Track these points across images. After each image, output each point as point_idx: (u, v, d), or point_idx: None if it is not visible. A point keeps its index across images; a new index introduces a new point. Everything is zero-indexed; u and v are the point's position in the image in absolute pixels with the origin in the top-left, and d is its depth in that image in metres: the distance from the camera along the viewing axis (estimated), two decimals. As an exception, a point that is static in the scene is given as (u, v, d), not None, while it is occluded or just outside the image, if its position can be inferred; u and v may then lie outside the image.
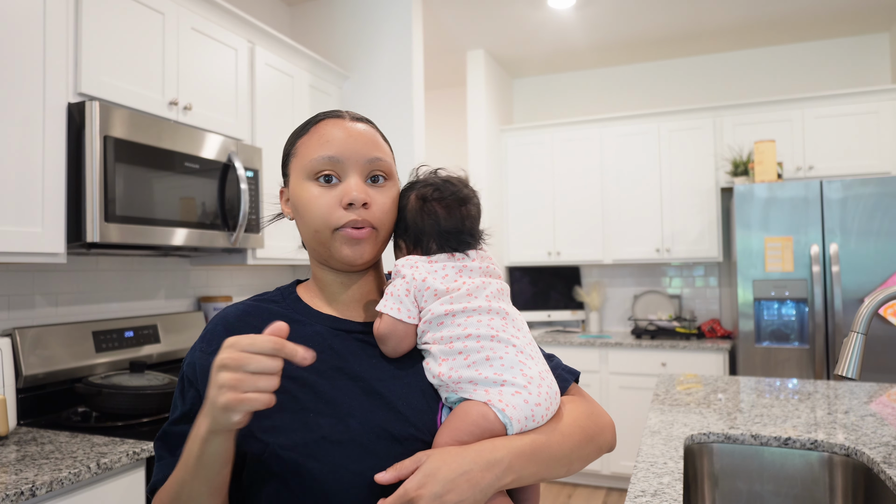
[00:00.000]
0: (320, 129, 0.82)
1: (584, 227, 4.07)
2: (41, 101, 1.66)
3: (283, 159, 0.86)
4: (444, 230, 0.80)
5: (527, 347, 0.78)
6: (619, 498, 3.58)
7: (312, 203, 0.79)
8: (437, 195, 0.81)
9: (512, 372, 0.74)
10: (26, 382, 1.82)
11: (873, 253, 3.02)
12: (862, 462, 1.37)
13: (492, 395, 0.73)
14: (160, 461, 0.79)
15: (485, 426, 0.72)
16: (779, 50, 4.06)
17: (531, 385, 0.74)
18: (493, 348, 0.75)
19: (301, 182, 0.81)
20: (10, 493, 1.24)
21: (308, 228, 0.81)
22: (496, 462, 0.70)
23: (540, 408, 0.74)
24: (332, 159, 0.79)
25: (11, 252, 1.59)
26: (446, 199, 0.81)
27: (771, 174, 3.32)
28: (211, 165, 2.13)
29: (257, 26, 2.48)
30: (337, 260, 0.81)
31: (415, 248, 0.83)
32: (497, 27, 3.77)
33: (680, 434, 1.52)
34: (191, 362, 0.79)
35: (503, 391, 0.73)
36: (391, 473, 0.69)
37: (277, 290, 0.88)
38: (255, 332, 0.75)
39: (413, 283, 0.77)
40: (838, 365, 1.28)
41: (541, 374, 0.76)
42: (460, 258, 0.81)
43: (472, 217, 0.83)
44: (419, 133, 3.11)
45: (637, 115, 3.96)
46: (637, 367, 3.62)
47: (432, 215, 0.81)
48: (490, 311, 0.78)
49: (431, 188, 0.82)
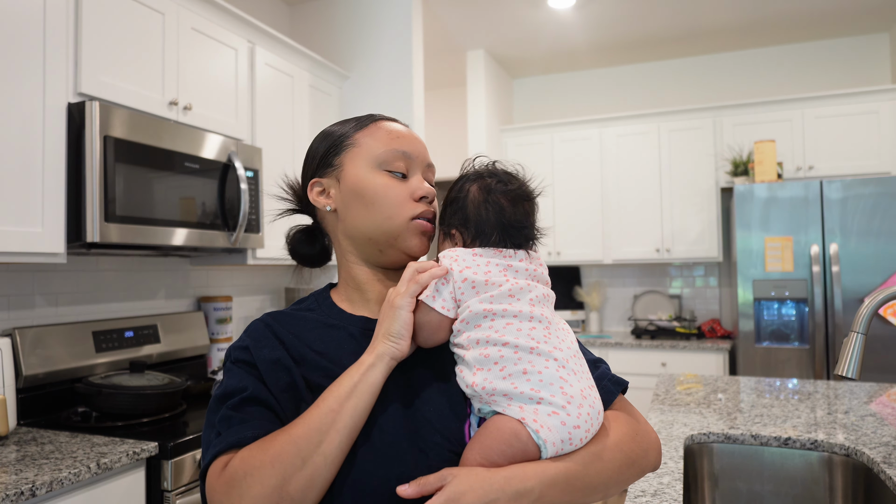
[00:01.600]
0: (385, 126, 0.84)
1: (584, 227, 4.06)
2: (41, 101, 1.66)
3: (329, 150, 0.84)
4: (508, 223, 0.78)
5: (570, 361, 0.73)
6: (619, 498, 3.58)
7: (389, 190, 0.80)
8: (502, 187, 0.79)
9: (551, 389, 0.69)
10: (26, 382, 1.82)
11: (873, 253, 3.02)
12: (862, 462, 1.37)
13: (527, 412, 0.68)
14: (229, 428, 0.72)
15: (517, 446, 0.68)
16: (779, 50, 4.06)
17: (570, 405, 0.69)
18: (532, 361, 0.70)
19: (369, 170, 0.81)
20: (10, 493, 1.24)
21: (377, 215, 0.80)
22: (526, 493, 0.66)
23: (579, 430, 0.69)
24: (406, 154, 0.82)
25: (11, 252, 1.59)
26: (513, 192, 0.80)
27: (771, 174, 3.32)
28: (211, 165, 2.13)
29: (257, 26, 2.48)
30: (401, 250, 0.81)
31: (473, 240, 0.79)
32: (497, 27, 3.76)
33: (680, 434, 1.52)
34: (244, 350, 0.78)
35: (539, 409, 0.68)
36: (414, 488, 0.66)
37: (312, 296, 0.88)
38: (294, 337, 0.80)
39: (452, 275, 0.75)
40: (838, 365, 1.28)
41: (583, 391, 0.71)
42: (508, 255, 0.77)
43: (532, 216, 0.81)
44: (419, 133, 3.11)
45: (637, 115, 3.96)
46: (637, 367, 3.62)
47: (496, 206, 0.78)
48: (532, 317, 0.73)
49: (495, 180, 0.80)
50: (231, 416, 0.73)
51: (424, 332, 0.75)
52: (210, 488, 0.69)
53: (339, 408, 0.68)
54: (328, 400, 0.69)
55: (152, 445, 1.60)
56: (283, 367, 0.76)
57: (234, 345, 0.80)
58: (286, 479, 0.65)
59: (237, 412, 0.73)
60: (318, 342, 0.80)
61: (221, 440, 0.71)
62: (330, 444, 0.67)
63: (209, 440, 0.74)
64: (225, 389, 0.76)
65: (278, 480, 0.65)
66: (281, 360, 0.76)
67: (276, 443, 0.67)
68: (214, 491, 0.68)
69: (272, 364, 0.76)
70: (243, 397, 0.74)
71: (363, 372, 0.71)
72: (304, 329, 0.81)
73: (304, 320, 0.83)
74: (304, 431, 0.67)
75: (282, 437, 0.68)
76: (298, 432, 0.67)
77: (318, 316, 0.83)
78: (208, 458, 0.71)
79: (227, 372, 0.79)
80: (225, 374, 0.79)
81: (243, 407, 0.73)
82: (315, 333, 0.81)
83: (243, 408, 0.73)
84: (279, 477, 0.65)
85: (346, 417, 0.68)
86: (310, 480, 0.66)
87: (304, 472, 0.66)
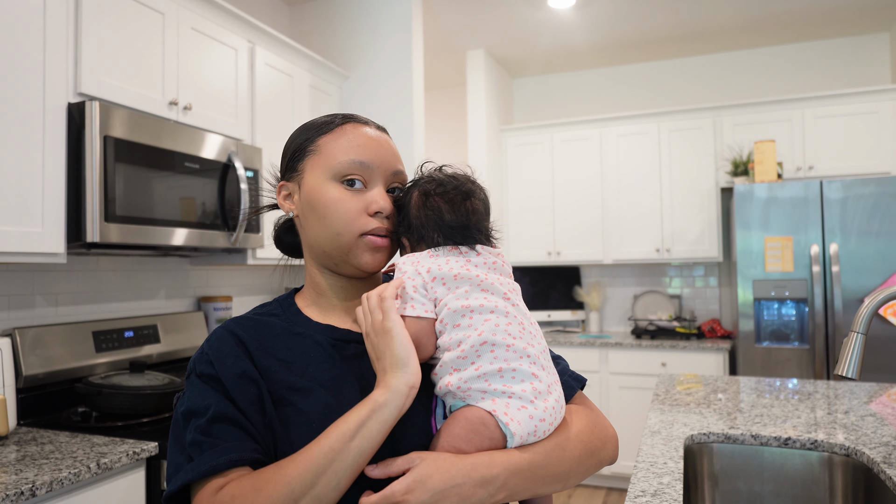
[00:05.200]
0: (348, 132, 0.81)
1: (584, 227, 4.06)
2: (41, 101, 1.66)
3: (294, 154, 0.83)
4: (447, 224, 0.78)
5: (540, 357, 0.75)
6: (619, 498, 3.58)
7: (339, 205, 0.78)
8: (440, 190, 0.79)
9: (522, 385, 0.71)
10: (26, 382, 1.82)
11: (873, 253, 3.02)
12: (862, 462, 1.37)
13: (498, 405, 0.70)
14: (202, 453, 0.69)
15: (484, 434, 0.70)
16: (779, 50, 4.06)
17: (538, 399, 0.71)
18: (507, 359, 0.72)
19: (324, 181, 0.79)
20: (10, 493, 1.24)
21: (328, 230, 0.78)
22: (491, 479, 0.68)
23: (544, 423, 0.72)
24: (364, 165, 0.79)
25: (11, 252, 1.59)
26: (449, 193, 0.79)
27: (771, 174, 3.32)
28: (211, 165, 2.13)
29: (257, 26, 2.48)
30: (353, 265, 0.80)
31: (417, 244, 0.80)
32: (497, 27, 3.76)
33: (680, 434, 1.52)
34: (207, 363, 0.75)
35: (510, 403, 0.70)
36: (381, 469, 0.68)
37: (276, 301, 0.86)
38: (258, 345, 0.77)
39: (418, 278, 0.75)
40: (838, 365, 1.28)
41: (549, 386, 0.74)
42: (463, 252, 0.78)
43: (478, 212, 0.80)
44: (419, 133, 3.11)
45: (637, 115, 3.96)
46: (637, 367, 3.62)
47: (435, 210, 0.78)
48: (508, 313, 0.74)
49: (435, 183, 0.80)
50: (201, 441, 0.70)
51: (424, 342, 0.74)
52: None
53: (342, 447, 0.65)
54: (330, 437, 0.66)
55: (152, 445, 1.60)
56: (250, 380, 0.74)
57: (197, 356, 0.77)
58: None
59: (207, 437, 0.70)
60: (283, 350, 0.78)
61: (193, 468, 0.68)
62: (326, 486, 0.65)
63: (178, 463, 0.71)
64: (189, 406, 0.73)
65: None
66: (247, 373, 0.74)
67: (270, 483, 0.65)
68: None
69: (237, 378, 0.73)
70: (210, 417, 0.71)
71: (372, 409, 0.67)
72: (269, 336, 0.79)
73: (268, 326, 0.80)
74: (300, 472, 0.65)
75: (276, 475, 0.65)
76: (293, 472, 0.65)
77: (282, 322, 0.81)
78: (177, 484, 0.69)
79: (190, 386, 0.75)
80: (188, 388, 0.75)
81: (211, 428, 0.70)
82: (280, 341, 0.79)
83: (211, 429, 0.70)
84: None
85: (347, 459, 0.65)
86: None
87: None
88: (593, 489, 3.72)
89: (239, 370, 0.74)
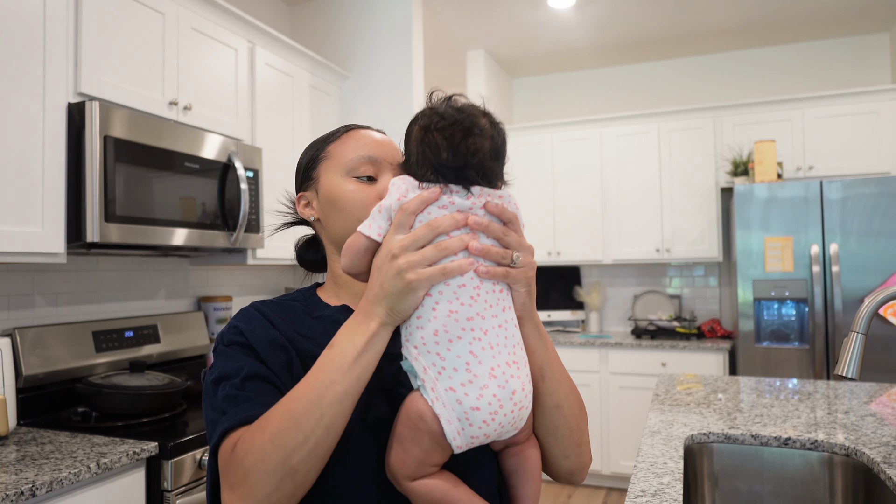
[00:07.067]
0: (354, 135, 0.88)
1: (584, 227, 4.06)
2: (41, 101, 1.66)
3: (308, 165, 0.90)
4: (442, 163, 0.70)
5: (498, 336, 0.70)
6: (619, 498, 3.58)
7: (356, 195, 0.84)
8: (440, 125, 0.71)
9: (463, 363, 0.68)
10: (26, 382, 1.82)
11: (873, 253, 3.02)
12: (862, 462, 1.37)
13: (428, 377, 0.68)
14: (235, 406, 0.72)
15: (423, 429, 0.68)
16: (779, 50, 4.06)
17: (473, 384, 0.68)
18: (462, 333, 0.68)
19: (339, 178, 0.85)
20: (10, 493, 1.24)
21: (349, 219, 0.83)
22: None
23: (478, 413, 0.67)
24: (372, 159, 0.85)
25: (11, 252, 1.59)
26: (448, 129, 0.71)
27: (771, 174, 3.32)
28: (211, 165, 2.13)
29: (257, 26, 2.48)
30: None
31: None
32: (497, 27, 3.76)
33: (680, 434, 1.52)
34: (237, 332, 0.79)
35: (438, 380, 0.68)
36: None
37: (298, 291, 0.92)
38: (282, 320, 0.82)
39: (397, 203, 0.71)
40: (838, 365, 1.28)
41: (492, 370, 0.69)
42: (454, 191, 0.71)
43: (481, 151, 0.71)
44: (419, 133, 3.11)
45: (637, 115, 3.96)
46: (637, 367, 3.62)
47: (432, 147, 0.71)
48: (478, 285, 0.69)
49: (437, 117, 0.72)
50: (236, 394, 0.73)
51: (348, 255, 0.74)
52: (222, 468, 0.70)
53: (342, 378, 0.68)
54: (329, 370, 0.68)
55: (152, 445, 1.60)
56: (280, 346, 0.78)
57: (226, 330, 0.81)
58: (288, 454, 0.66)
59: (241, 390, 0.73)
60: (304, 328, 0.83)
61: (229, 418, 0.71)
62: (332, 417, 0.67)
63: (214, 420, 0.74)
64: (221, 372, 0.76)
65: (281, 456, 0.66)
66: (276, 340, 0.79)
67: (275, 420, 0.67)
68: (227, 472, 0.69)
69: (268, 343, 0.78)
70: (243, 376, 0.74)
71: (369, 339, 0.69)
72: (291, 316, 0.85)
73: (290, 308, 0.86)
74: (304, 407, 0.67)
75: (279, 412, 0.68)
76: (297, 408, 0.67)
77: (303, 307, 0.87)
78: (217, 437, 0.72)
79: (220, 355, 0.79)
80: (217, 358, 0.79)
81: (245, 385, 0.74)
82: (301, 321, 0.84)
83: (245, 385, 0.74)
84: (281, 453, 0.66)
85: (349, 388, 0.68)
86: (312, 453, 0.67)
87: (306, 446, 0.66)
88: (593, 489, 3.72)
89: (269, 337, 0.79)
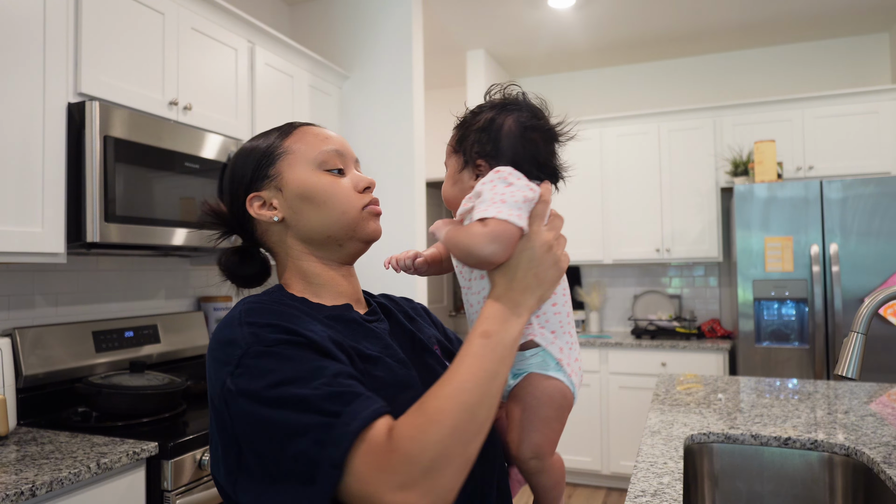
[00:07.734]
0: (310, 131, 0.87)
1: (584, 227, 4.06)
2: (41, 101, 1.66)
3: (261, 162, 0.83)
4: (542, 162, 0.79)
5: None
6: (619, 498, 3.58)
7: (336, 188, 0.83)
8: (538, 124, 0.80)
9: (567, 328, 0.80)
10: (26, 382, 1.82)
11: (873, 253, 3.02)
12: (862, 462, 1.37)
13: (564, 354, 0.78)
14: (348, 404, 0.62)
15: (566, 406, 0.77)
16: (779, 50, 4.06)
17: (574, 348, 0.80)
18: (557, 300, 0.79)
19: (311, 173, 0.83)
20: (10, 493, 1.24)
21: (332, 212, 0.82)
22: None
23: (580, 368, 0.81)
24: (339, 153, 0.85)
25: (11, 252, 1.59)
26: (547, 130, 0.80)
27: (771, 174, 3.32)
28: (211, 165, 2.13)
29: (257, 26, 2.48)
30: (359, 238, 0.84)
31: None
32: (497, 27, 3.76)
33: (680, 434, 1.52)
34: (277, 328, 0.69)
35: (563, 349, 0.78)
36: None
37: (266, 293, 0.81)
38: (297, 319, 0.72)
39: (532, 194, 0.71)
40: (838, 365, 1.28)
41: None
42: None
43: (559, 154, 0.82)
44: (419, 133, 3.11)
45: (637, 115, 3.96)
46: (637, 367, 3.62)
47: (532, 144, 0.78)
48: None
49: (529, 114, 0.80)
50: (341, 392, 0.63)
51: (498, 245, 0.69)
52: (379, 468, 0.60)
53: (503, 368, 0.68)
54: (491, 360, 0.66)
55: (152, 445, 1.60)
56: (334, 342, 0.71)
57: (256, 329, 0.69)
58: (466, 446, 0.63)
59: (340, 388, 0.64)
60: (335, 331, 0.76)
61: (354, 415, 0.61)
62: (493, 407, 0.66)
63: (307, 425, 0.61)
64: (284, 376, 0.64)
65: (461, 448, 0.62)
66: (328, 336, 0.72)
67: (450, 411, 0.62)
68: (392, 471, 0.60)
69: (325, 339, 0.70)
70: (334, 373, 0.65)
71: (521, 329, 0.70)
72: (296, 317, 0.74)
73: (294, 308, 0.76)
74: (477, 398, 0.64)
75: (450, 403, 0.63)
76: (471, 399, 0.63)
77: (302, 306, 0.79)
78: (351, 436, 0.60)
79: (273, 357, 0.65)
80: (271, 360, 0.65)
81: (338, 381, 0.64)
82: (320, 322, 0.76)
83: (340, 382, 0.64)
84: (462, 446, 0.62)
85: (506, 377, 0.69)
86: (481, 443, 0.65)
87: (480, 437, 0.65)
88: (593, 489, 3.72)
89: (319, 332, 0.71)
